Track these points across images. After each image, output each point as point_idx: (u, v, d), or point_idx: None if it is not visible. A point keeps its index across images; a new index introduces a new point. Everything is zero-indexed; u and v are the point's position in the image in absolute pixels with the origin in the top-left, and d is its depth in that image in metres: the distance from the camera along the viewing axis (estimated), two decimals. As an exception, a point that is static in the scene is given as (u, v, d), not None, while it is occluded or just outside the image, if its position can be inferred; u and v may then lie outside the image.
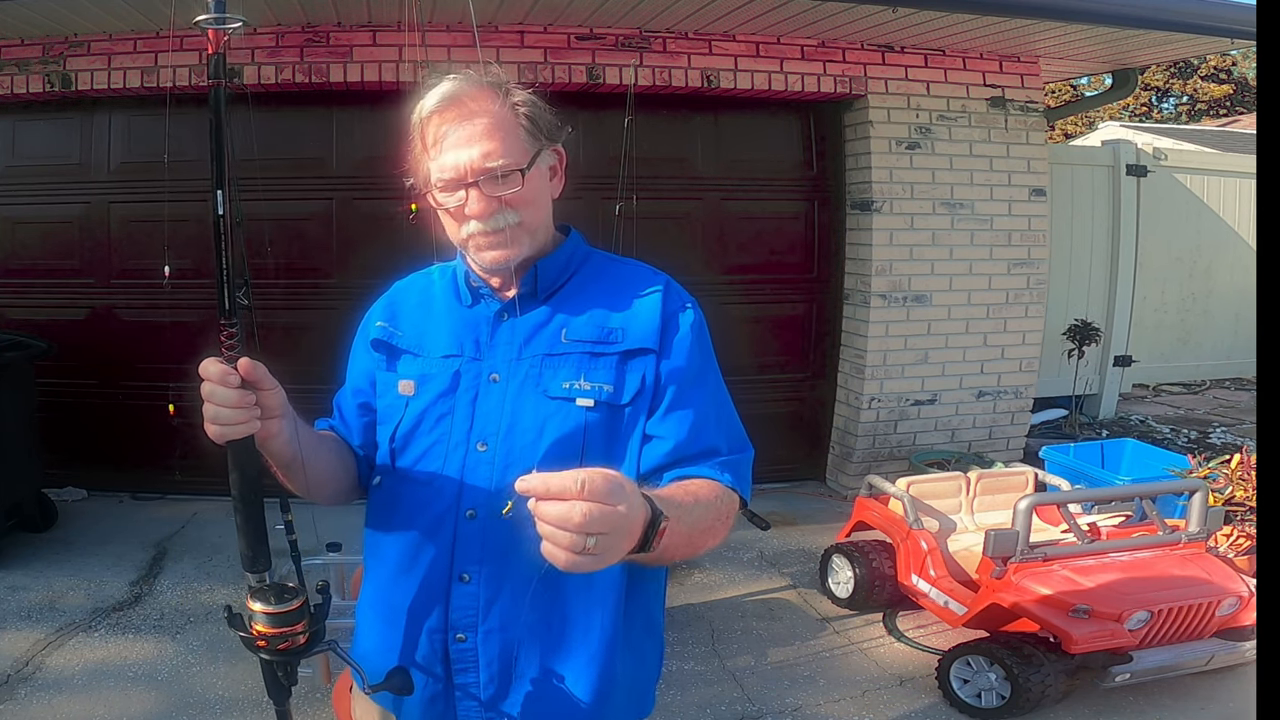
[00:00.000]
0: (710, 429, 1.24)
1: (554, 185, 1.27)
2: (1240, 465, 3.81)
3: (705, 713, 2.90)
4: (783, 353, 5.22)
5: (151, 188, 4.37)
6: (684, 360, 1.23)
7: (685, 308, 1.26)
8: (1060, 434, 6.01)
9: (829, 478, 5.28)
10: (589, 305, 1.25)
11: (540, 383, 1.21)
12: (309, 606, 1.15)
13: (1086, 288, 6.52)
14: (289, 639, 1.13)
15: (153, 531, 4.27)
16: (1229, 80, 20.03)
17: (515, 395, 1.22)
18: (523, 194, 1.20)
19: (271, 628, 1.11)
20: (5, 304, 4.65)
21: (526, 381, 1.22)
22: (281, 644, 1.12)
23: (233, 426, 1.09)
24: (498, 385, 1.23)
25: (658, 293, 1.26)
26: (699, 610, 3.63)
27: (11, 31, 4.15)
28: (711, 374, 1.28)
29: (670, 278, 1.29)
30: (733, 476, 1.21)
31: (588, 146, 4.79)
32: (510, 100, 1.23)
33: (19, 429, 3.95)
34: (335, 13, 4.09)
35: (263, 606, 1.11)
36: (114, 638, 3.28)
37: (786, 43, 4.63)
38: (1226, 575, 2.94)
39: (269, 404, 1.12)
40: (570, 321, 1.24)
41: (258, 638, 1.12)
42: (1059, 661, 2.75)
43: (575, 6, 4.09)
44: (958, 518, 3.65)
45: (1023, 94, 4.98)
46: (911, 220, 4.86)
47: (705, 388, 1.26)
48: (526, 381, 1.22)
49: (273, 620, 1.11)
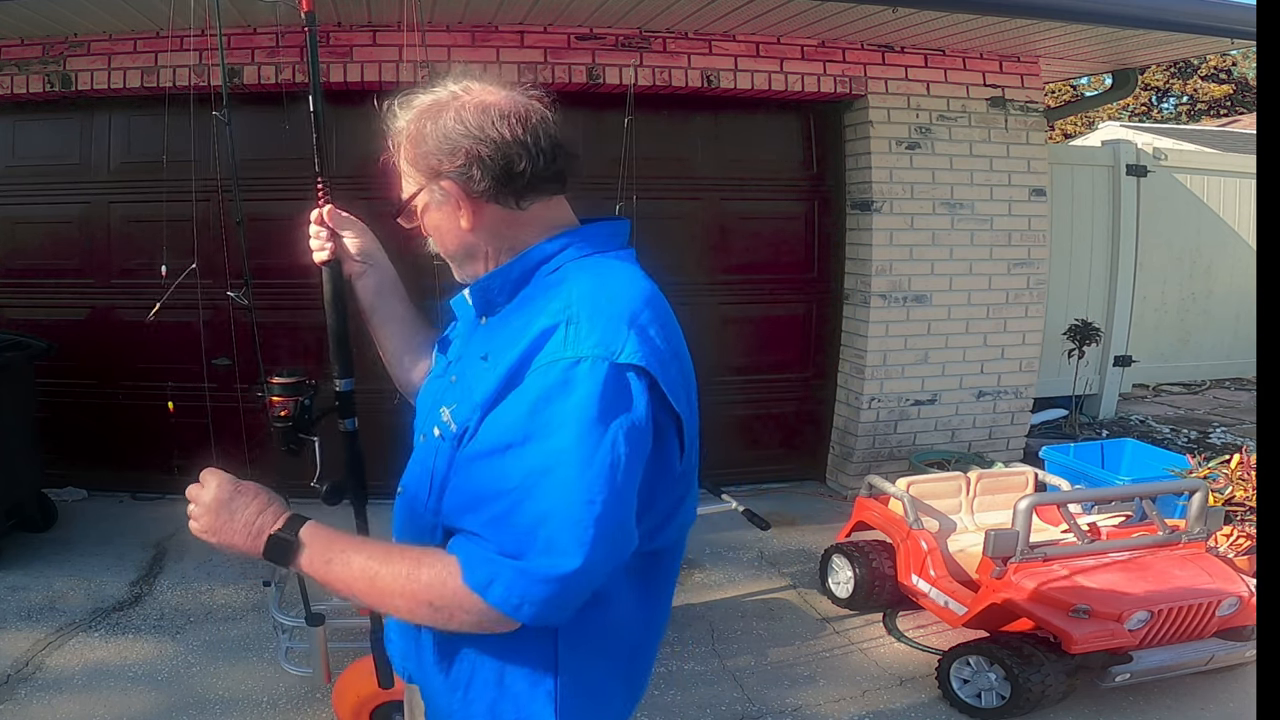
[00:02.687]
0: (481, 514, 1.04)
1: (462, 215, 1.17)
2: (1240, 465, 3.82)
3: (705, 713, 2.90)
4: (783, 353, 5.22)
5: (151, 188, 4.36)
6: (504, 422, 1.04)
7: (557, 363, 1.02)
8: (1060, 434, 6.02)
9: (829, 478, 5.28)
10: (505, 330, 1.15)
11: (439, 401, 1.21)
12: (312, 389, 1.63)
13: (1086, 288, 6.52)
14: (294, 403, 1.61)
15: (153, 531, 4.27)
16: (1229, 80, 20.03)
17: (425, 410, 1.28)
18: (422, 228, 1.22)
19: (280, 396, 1.61)
20: (5, 304, 4.65)
21: (435, 397, 1.26)
22: (283, 411, 1.60)
23: (315, 252, 1.55)
24: (429, 394, 1.31)
25: (539, 334, 1.06)
26: (699, 610, 3.63)
27: (11, 31, 4.15)
28: (535, 456, 1.00)
29: (586, 316, 1.05)
30: (475, 574, 1.01)
31: (588, 146, 4.79)
32: (397, 139, 1.22)
33: (19, 429, 3.95)
34: (335, 13, 4.09)
35: (279, 380, 1.62)
36: (114, 638, 3.28)
37: (786, 43, 4.64)
38: (1226, 575, 2.94)
39: (355, 247, 1.54)
40: (488, 344, 1.17)
41: (272, 406, 1.60)
42: (1059, 661, 2.74)
43: (575, 6, 4.09)
44: (958, 518, 3.66)
45: (1023, 94, 4.98)
46: (911, 220, 4.86)
47: (506, 466, 1.02)
48: (435, 397, 1.26)
49: (284, 390, 1.61)
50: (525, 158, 1.13)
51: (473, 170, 1.13)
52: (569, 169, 1.19)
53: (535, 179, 1.15)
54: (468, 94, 1.17)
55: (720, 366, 5.09)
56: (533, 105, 1.17)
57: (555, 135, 1.16)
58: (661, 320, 1.12)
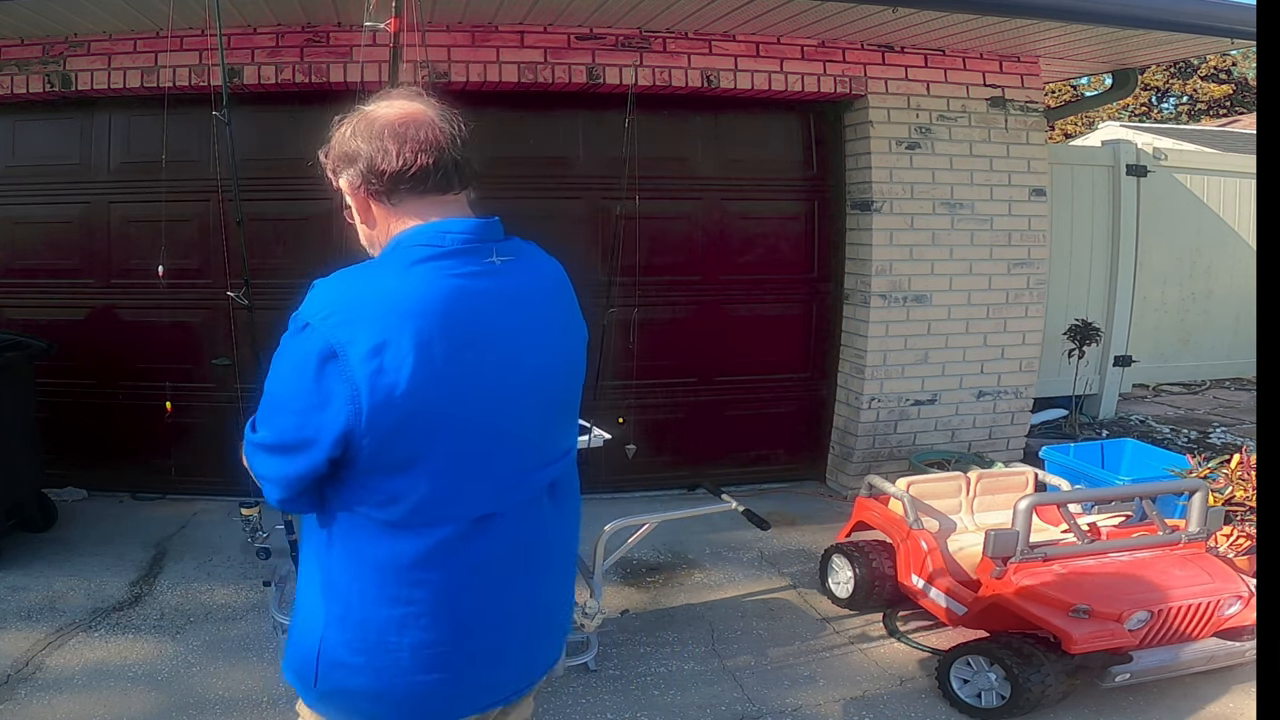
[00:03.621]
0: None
1: (357, 210, 1.42)
2: (1240, 465, 3.81)
3: (705, 713, 2.90)
4: (783, 353, 5.22)
5: (151, 188, 4.36)
6: None
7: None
8: (1060, 434, 6.01)
9: (829, 478, 5.28)
10: None
11: None
12: None
13: (1086, 288, 6.52)
14: None
15: (153, 531, 4.27)
16: (1229, 80, 20.03)
17: None
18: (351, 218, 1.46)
19: None
20: (5, 304, 4.64)
21: None
22: None
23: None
24: None
25: None
26: (699, 610, 3.63)
27: (11, 31, 4.15)
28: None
29: (306, 300, 1.33)
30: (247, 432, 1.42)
31: (588, 146, 4.80)
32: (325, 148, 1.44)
33: (19, 429, 3.95)
34: (335, 13, 4.09)
35: None
36: (114, 638, 3.28)
37: (786, 43, 4.64)
38: (1226, 575, 2.94)
39: None
40: None
41: None
42: (1059, 661, 2.74)
43: (575, 6, 4.09)
44: (958, 518, 3.66)
45: (1023, 94, 4.98)
46: (911, 220, 4.87)
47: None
48: None
49: None
50: (390, 163, 1.33)
51: (355, 173, 1.37)
52: (453, 172, 1.37)
53: (401, 180, 1.34)
54: (374, 109, 1.38)
55: (720, 366, 5.09)
56: (423, 119, 1.36)
57: (435, 144, 1.34)
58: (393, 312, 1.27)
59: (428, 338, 1.25)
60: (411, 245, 1.33)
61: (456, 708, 1.46)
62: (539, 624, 1.54)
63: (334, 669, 1.41)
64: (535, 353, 1.40)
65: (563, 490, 1.53)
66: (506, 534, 1.41)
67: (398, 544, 1.35)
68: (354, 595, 1.38)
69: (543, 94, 4.56)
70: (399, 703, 1.41)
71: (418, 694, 1.40)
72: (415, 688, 1.39)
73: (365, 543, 1.36)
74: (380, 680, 1.39)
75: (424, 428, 1.29)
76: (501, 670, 1.48)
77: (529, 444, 1.42)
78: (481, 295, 1.32)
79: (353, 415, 1.25)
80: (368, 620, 1.38)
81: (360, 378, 1.24)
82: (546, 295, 1.45)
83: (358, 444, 1.28)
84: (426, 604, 1.37)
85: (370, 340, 1.24)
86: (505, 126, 4.66)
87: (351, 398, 1.24)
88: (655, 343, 4.82)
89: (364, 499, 1.34)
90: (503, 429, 1.37)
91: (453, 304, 1.29)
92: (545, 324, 1.43)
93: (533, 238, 1.49)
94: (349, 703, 1.44)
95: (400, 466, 1.30)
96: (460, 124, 1.39)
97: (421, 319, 1.26)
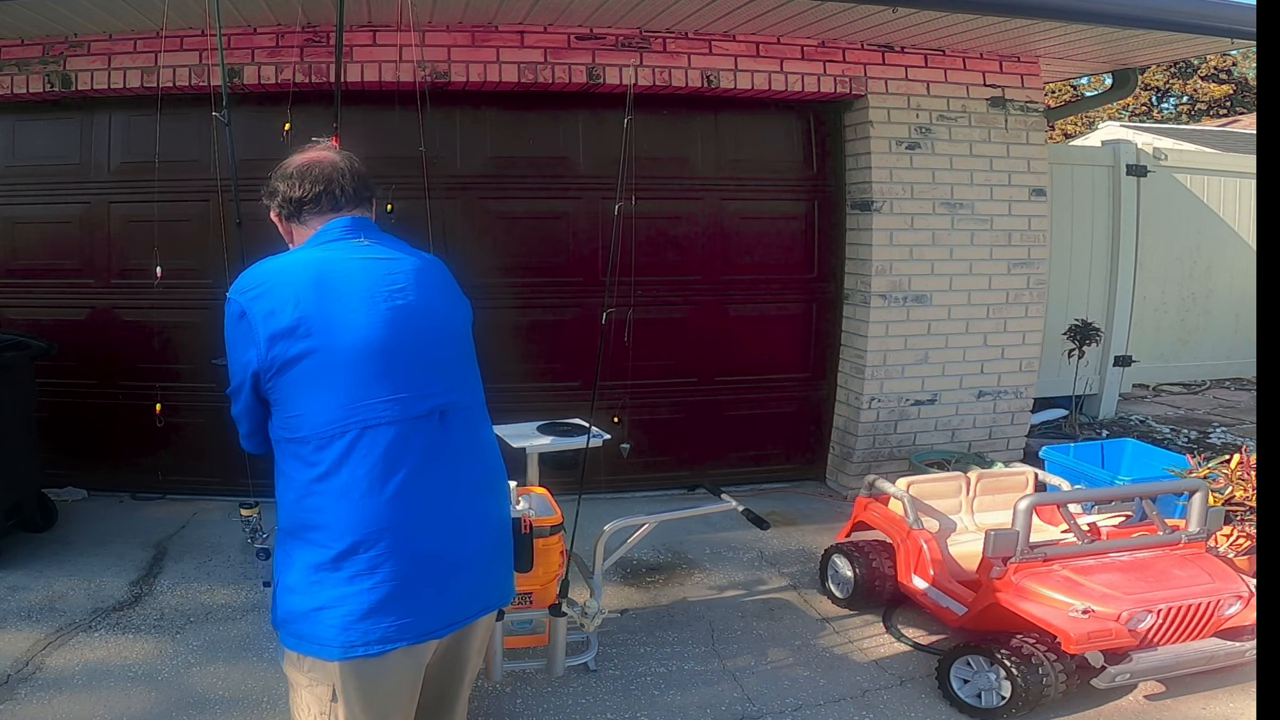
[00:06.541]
0: None
1: (281, 228, 1.89)
2: (1240, 465, 3.81)
3: (705, 713, 2.90)
4: (783, 353, 5.22)
5: (151, 188, 4.36)
6: None
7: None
8: (1060, 434, 6.02)
9: (829, 478, 5.28)
10: None
11: None
12: None
13: (1086, 288, 6.52)
14: None
15: (153, 531, 4.27)
16: (1229, 80, 20.03)
17: None
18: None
19: None
20: (5, 304, 4.65)
21: None
22: None
23: None
24: None
25: None
26: (699, 610, 3.63)
27: (11, 31, 4.15)
28: None
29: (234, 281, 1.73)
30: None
31: (588, 146, 4.80)
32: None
33: (19, 429, 3.95)
34: (335, 13, 4.08)
35: None
36: (114, 638, 3.28)
37: (786, 43, 4.64)
38: (1227, 575, 2.94)
39: None
40: None
41: None
42: (1059, 661, 2.75)
43: (575, 6, 4.09)
44: (958, 518, 3.66)
45: (1023, 94, 4.98)
46: (911, 220, 4.87)
47: None
48: None
49: None
50: (294, 193, 1.80)
51: (276, 204, 1.84)
52: (340, 196, 1.81)
53: (304, 204, 1.80)
54: (290, 159, 1.85)
55: (720, 366, 5.09)
56: (322, 160, 1.83)
57: (326, 177, 1.80)
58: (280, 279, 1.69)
59: (303, 292, 1.65)
60: (309, 240, 1.81)
61: (384, 622, 1.63)
62: (463, 551, 1.74)
63: (282, 594, 1.72)
64: (395, 300, 1.71)
65: (454, 420, 1.75)
66: (395, 445, 1.65)
67: (306, 461, 1.65)
68: (285, 515, 1.71)
69: (543, 94, 4.56)
70: (334, 620, 1.62)
71: (348, 609, 1.62)
72: (341, 601, 1.62)
73: (287, 464, 1.69)
74: (309, 598, 1.65)
75: (307, 358, 1.63)
76: (424, 587, 1.67)
77: (404, 371, 1.69)
78: (347, 261, 1.73)
79: (256, 356, 1.65)
80: (294, 535, 1.69)
81: (259, 326, 1.64)
82: (409, 267, 1.78)
83: (266, 378, 1.66)
84: (331, 511, 1.63)
85: (267, 300, 1.65)
86: (505, 126, 4.67)
87: (254, 341, 1.64)
88: (655, 342, 4.82)
89: (281, 426, 1.68)
90: (374, 353, 1.66)
91: (324, 268, 1.70)
92: (405, 284, 1.74)
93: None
94: (295, 626, 1.68)
95: (296, 392, 1.64)
96: (355, 163, 1.86)
97: (300, 279, 1.67)
